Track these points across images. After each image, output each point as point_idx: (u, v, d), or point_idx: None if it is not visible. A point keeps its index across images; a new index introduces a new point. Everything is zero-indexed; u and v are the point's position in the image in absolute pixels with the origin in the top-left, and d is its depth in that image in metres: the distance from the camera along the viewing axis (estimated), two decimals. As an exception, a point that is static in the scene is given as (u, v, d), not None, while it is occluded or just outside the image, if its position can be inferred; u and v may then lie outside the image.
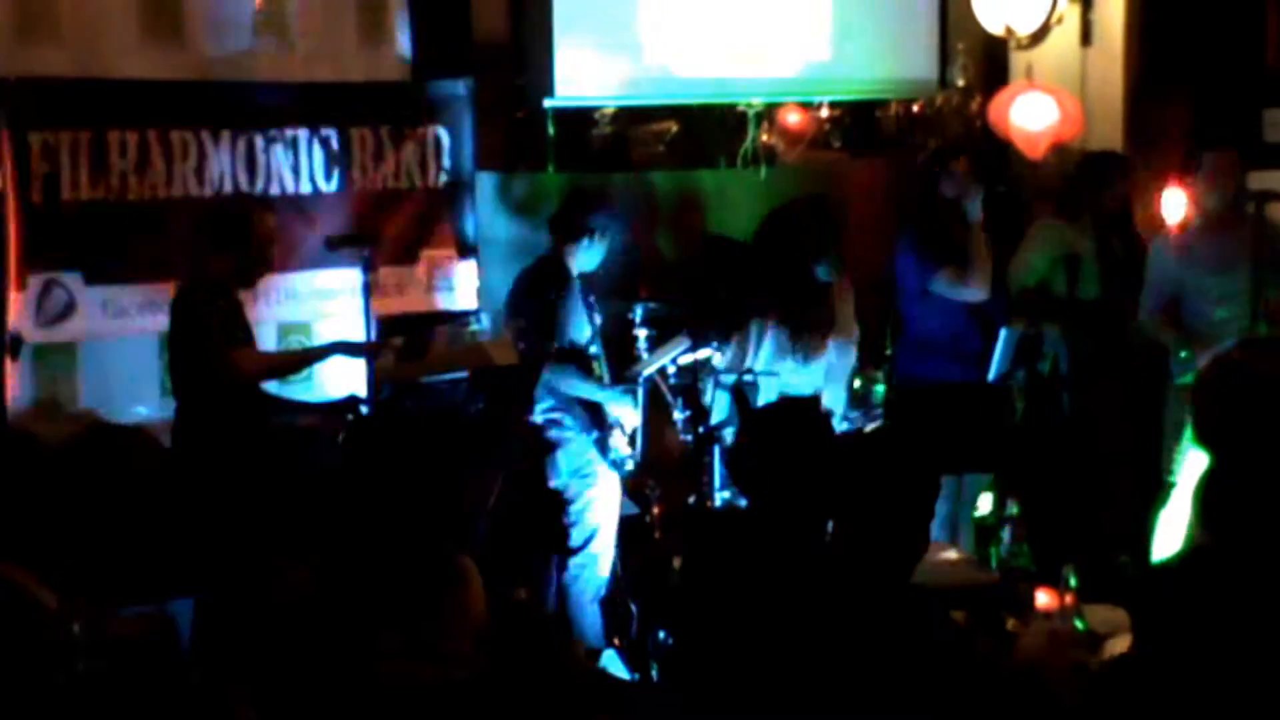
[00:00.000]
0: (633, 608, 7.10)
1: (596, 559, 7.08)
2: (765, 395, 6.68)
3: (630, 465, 7.14)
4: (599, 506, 7.07)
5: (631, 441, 7.13)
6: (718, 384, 6.72)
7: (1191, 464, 7.04)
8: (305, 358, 6.81)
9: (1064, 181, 7.94)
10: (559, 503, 7.06)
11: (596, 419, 7.06)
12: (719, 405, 6.79)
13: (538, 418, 7.03)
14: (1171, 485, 7.17)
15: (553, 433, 7.07)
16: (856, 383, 6.98)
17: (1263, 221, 7.00)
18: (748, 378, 6.64)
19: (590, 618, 7.04)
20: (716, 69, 8.58)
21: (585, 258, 7.14)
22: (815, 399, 6.35)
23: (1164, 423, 7.29)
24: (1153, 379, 7.36)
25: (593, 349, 7.17)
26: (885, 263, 7.92)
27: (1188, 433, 7.04)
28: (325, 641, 3.94)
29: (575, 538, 7.05)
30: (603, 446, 7.05)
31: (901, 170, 8.73)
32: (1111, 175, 7.44)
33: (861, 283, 7.41)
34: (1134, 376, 7.33)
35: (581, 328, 7.10)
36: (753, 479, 4.25)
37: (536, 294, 7.04)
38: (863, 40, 8.95)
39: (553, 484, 7.06)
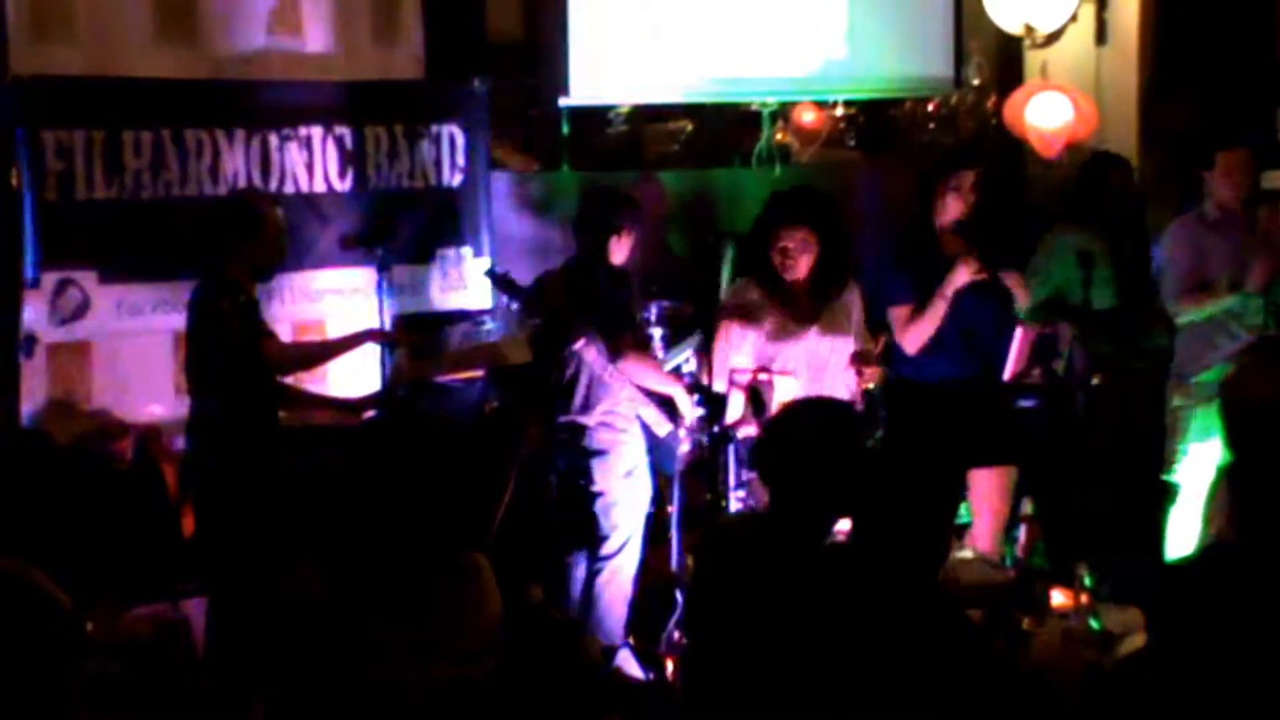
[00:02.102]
0: (677, 596, 6.99)
1: (632, 560, 6.99)
2: (780, 394, 6.64)
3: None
4: (638, 510, 6.98)
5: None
6: (731, 382, 6.68)
7: (1194, 462, 7.02)
8: (339, 346, 6.74)
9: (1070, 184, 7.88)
10: (599, 505, 6.93)
11: (669, 412, 6.96)
12: (733, 403, 6.76)
13: (590, 420, 6.83)
14: (1174, 485, 7.13)
15: (604, 435, 6.86)
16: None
17: (1274, 221, 6.97)
18: (762, 376, 6.60)
19: (618, 617, 6.97)
20: (731, 68, 8.58)
21: (618, 254, 7.04)
22: (846, 401, 6.29)
23: (1164, 421, 7.24)
24: (1159, 380, 7.32)
25: None
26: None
27: (1189, 430, 7.03)
28: (337, 640, 3.94)
29: (615, 540, 6.91)
30: (675, 439, 6.93)
31: (916, 169, 8.70)
32: (1110, 176, 7.38)
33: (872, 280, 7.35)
34: (1142, 378, 7.30)
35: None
36: (777, 478, 4.23)
37: (606, 290, 6.83)
38: (877, 39, 8.95)
39: (597, 486, 6.88)
